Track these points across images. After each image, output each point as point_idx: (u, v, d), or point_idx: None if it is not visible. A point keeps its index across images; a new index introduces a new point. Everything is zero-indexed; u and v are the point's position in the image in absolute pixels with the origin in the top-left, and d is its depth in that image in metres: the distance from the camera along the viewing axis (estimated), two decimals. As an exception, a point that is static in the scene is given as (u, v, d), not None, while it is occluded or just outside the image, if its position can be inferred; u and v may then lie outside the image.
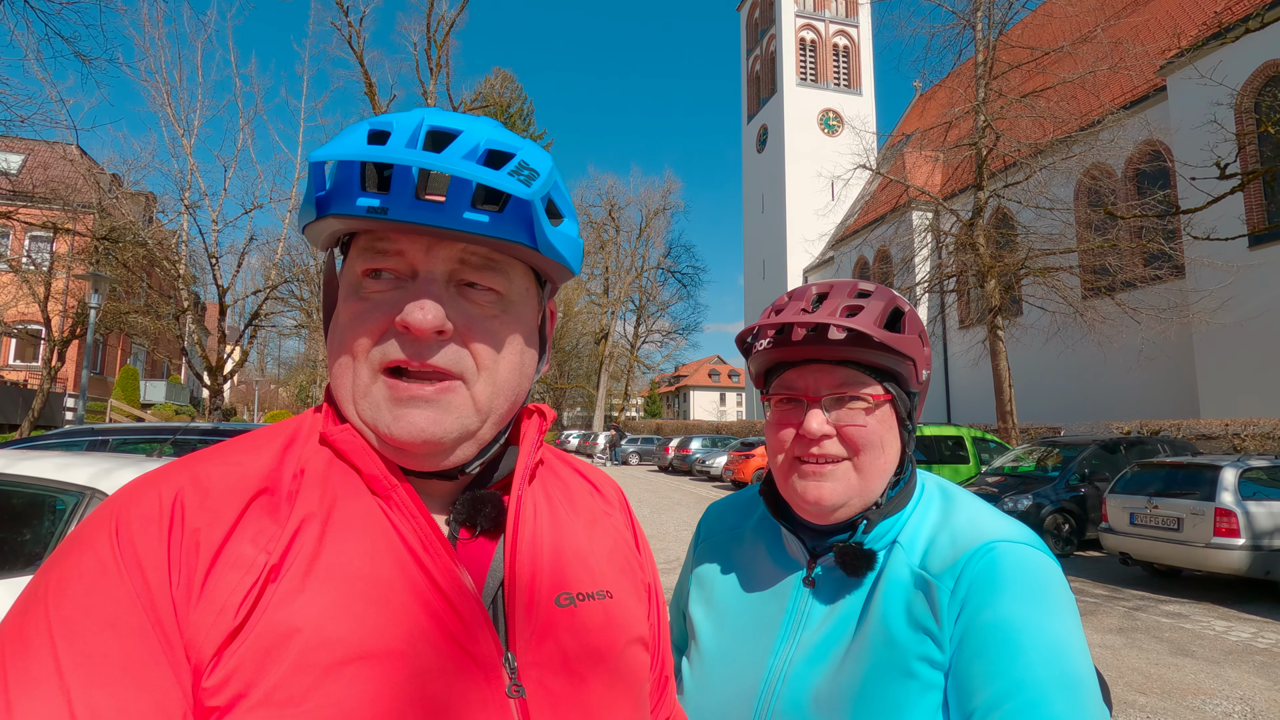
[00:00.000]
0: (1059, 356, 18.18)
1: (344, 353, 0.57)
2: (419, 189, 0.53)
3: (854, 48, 45.22)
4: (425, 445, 0.56)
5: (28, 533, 2.59)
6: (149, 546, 0.49)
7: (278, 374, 55.54)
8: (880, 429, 0.83)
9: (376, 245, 0.57)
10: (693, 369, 79.57)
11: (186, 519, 0.51)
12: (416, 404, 0.56)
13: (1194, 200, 10.92)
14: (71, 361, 22.84)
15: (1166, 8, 23.11)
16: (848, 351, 0.81)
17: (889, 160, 29.26)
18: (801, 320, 0.81)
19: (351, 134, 0.55)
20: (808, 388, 0.84)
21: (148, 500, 0.52)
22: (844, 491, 0.82)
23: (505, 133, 0.59)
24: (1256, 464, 7.53)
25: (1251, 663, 5.27)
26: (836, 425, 0.82)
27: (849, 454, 0.82)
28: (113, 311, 18.20)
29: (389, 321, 0.56)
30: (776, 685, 0.81)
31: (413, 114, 0.56)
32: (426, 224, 0.53)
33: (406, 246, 0.56)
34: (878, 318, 0.81)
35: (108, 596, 0.48)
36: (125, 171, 19.12)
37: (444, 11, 22.43)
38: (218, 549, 0.51)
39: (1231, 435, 14.33)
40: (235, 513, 0.52)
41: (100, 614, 0.47)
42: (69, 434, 5.75)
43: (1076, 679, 0.69)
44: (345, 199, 0.54)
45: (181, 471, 0.54)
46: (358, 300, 0.57)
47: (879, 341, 0.80)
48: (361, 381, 0.56)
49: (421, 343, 0.55)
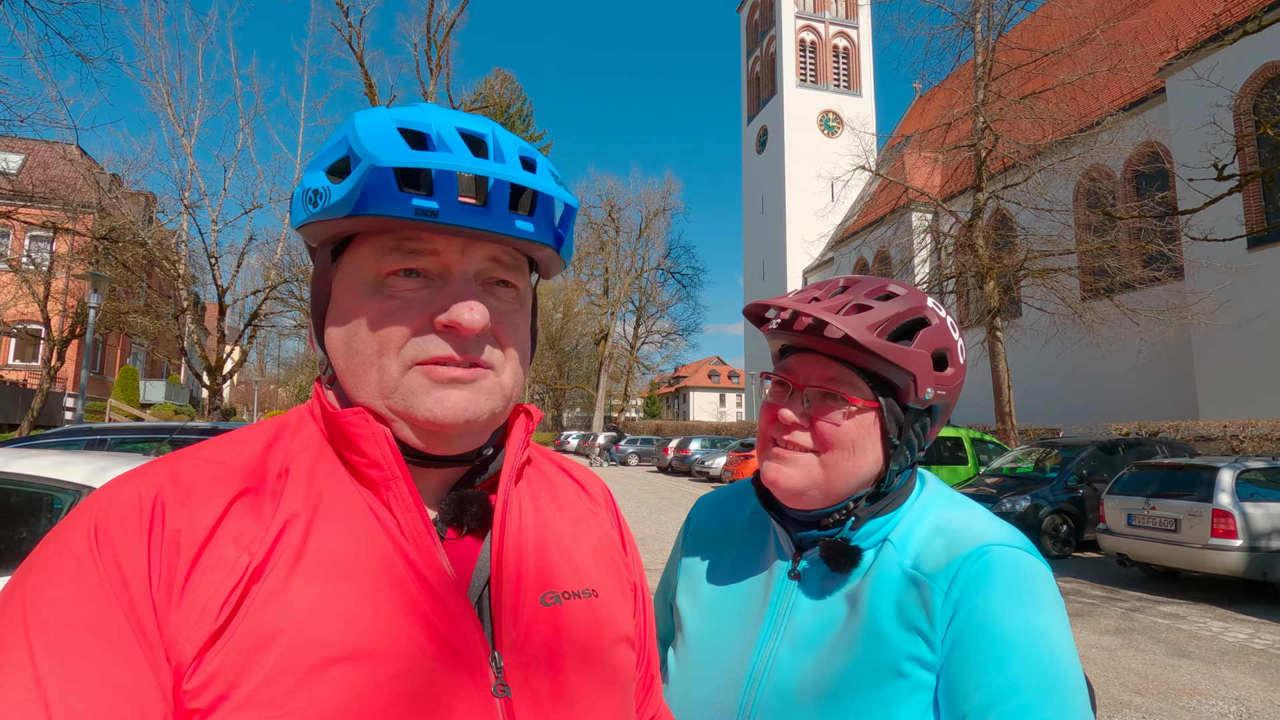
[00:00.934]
0: (1058, 358, 18.19)
1: (369, 349, 0.57)
2: (459, 190, 0.54)
3: (854, 49, 45.27)
4: (466, 425, 0.58)
5: (24, 531, 2.60)
6: (128, 547, 0.49)
7: (277, 374, 55.58)
8: (855, 433, 0.81)
9: (406, 245, 0.56)
10: (692, 370, 79.57)
11: (167, 519, 0.50)
12: (456, 385, 0.57)
13: (1192, 201, 10.94)
14: (71, 361, 22.84)
15: (1165, 10, 23.14)
16: (840, 349, 0.81)
17: (888, 161, 29.30)
18: (803, 309, 0.81)
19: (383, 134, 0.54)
20: (800, 374, 0.84)
21: (127, 499, 0.51)
22: (801, 480, 0.82)
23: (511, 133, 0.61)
24: (1254, 465, 7.54)
25: (1248, 663, 5.28)
26: (814, 417, 0.82)
27: (816, 448, 0.82)
28: (112, 311, 18.20)
29: (424, 319, 0.56)
30: (761, 677, 0.82)
31: (432, 112, 0.57)
32: (475, 227, 0.55)
33: (443, 247, 0.57)
34: (882, 323, 0.79)
35: (86, 598, 0.47)
36: (125, 171, 19.13)
37: (444, 12, 22.47)
38: (199, 549, 0.50)
39: (1229, 437, 14.34)
40: (217, 512, 0.52)
41: (78, 616, 0.46)
42: (67, 433, 5.76)
43: (1067, 685, 0.70)
44: (390, 200, 0.53)
45: (162, 470, 0.54)
46: (384, 298, 0.57)
47: (864, 347, 0.78)
48: (390, 376, 0.57)
49: (465, 340, 0.57)
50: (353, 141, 0.54)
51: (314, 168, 0.59)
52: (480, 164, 0.54)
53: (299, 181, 0.61)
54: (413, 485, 0.57)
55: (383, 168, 0.52)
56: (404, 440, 0.58)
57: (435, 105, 0.59)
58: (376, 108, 0.58)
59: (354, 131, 0.55)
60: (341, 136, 0.57)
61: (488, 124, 0.58)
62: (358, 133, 0.55)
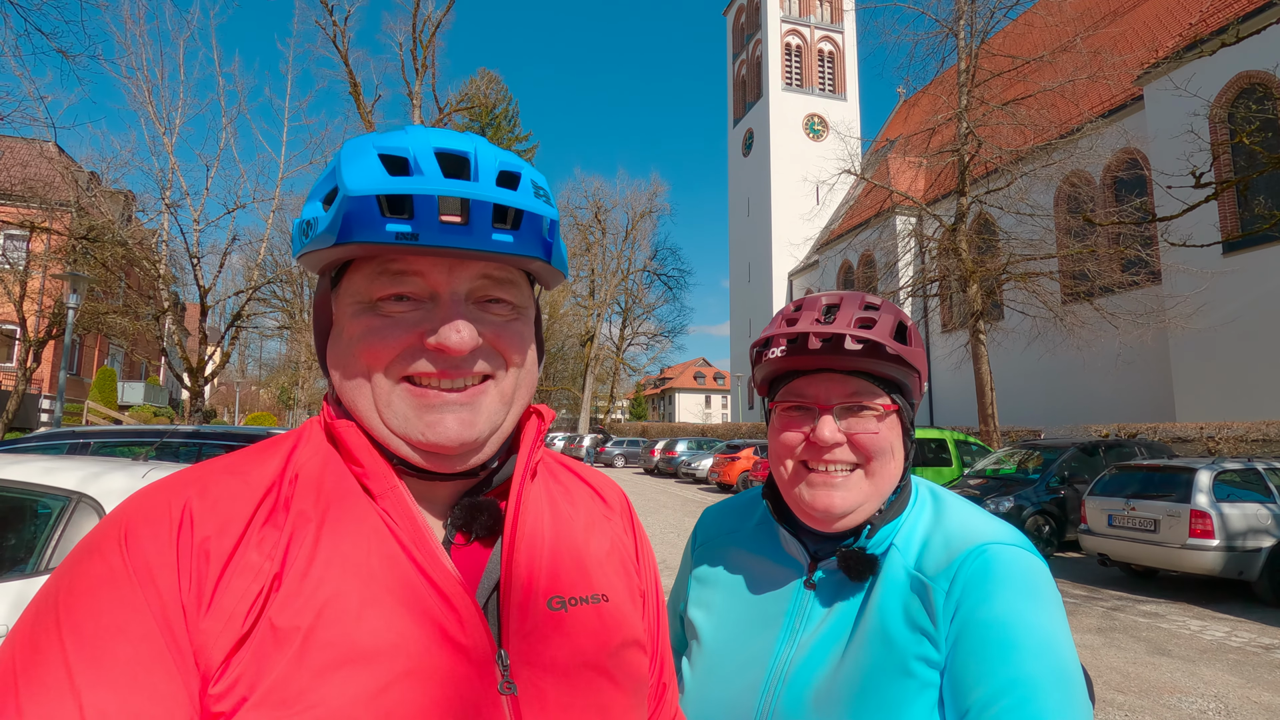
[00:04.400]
0: (1039, 360, 18.45)
1: (359, 367, 0.58)
2: (440, 211, 0.54)
3: (839, 54, 45.62)
4: (461, 447, 0.59)
5: (13, 538, 2.56)
6: (159, 554, 0.50)
7: (259, 376, 54.84)
8: (890, 436, 0.85)
9: (391, 268, 0.57)
10: (678, 371, 79.65)
11: (195, 528, 0.52)
12: (450, 408, 0.58)
13: (1170, 208, 11.14)
14: (47, 363, 22.41)
15: (1144, 19, 23.56)
16: (860, 362, 0.83)
17: (873, 165, 29.54)
18: (817, 330, 0.83)
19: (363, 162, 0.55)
20: (819, 396, 0.86)
21: (157, 509, 0.53)
22: (855, 499, 0.84)
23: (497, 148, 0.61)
24: (1230, 467, 7.69)
25: (1225, 661, 5.39)
26: (848, 433, 0.85)
27: (860, 461, 0.85)
28: (91, 312, 17.88)
29: (414, 338, 0.57)
30: (777, 685, 0.83)
31: (414, 135, 0.57)
32: (455, 247, 0.55)
33: (427, 269, 0.57)
34: (889, 330, 0.84)
35: (118, 603, 0.48)
36: (104, 169, 18.80)
37: (429, 12, 22.33)
38: (228, 557, 0.52)
39: (1206, 438, 14.61)
40: (243, 521, 0.54)
41: (110, 620, 0.48)
42: (48, 436, 5.66)
43: (1067, 675, 0.72)
44: (370, 226, 0.54)
45: (189, 481, 0.55)
46: (374, 316, 0.58)
47: (892, 353, 0.82)
48: (381, 392, 0.58)
49: (457, 359, 0.58)
50: (338, 171, 0.56)
51: (311, 198, 0.60)
52: (453, 185, 0.54)
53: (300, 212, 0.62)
54: (408, 495, 0.58)
55: (357, 196, 0.53)
56: (404, 457, 0.59)
57: (420, 127, 0.59)
58: (366, 135, 0.59)
59: (339, 160, 0.56)
60: (333, 167, 0.58)
61: (471, 141, 0.59)
62: (342, 162, 0.56)
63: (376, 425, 0.59)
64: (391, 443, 0.59)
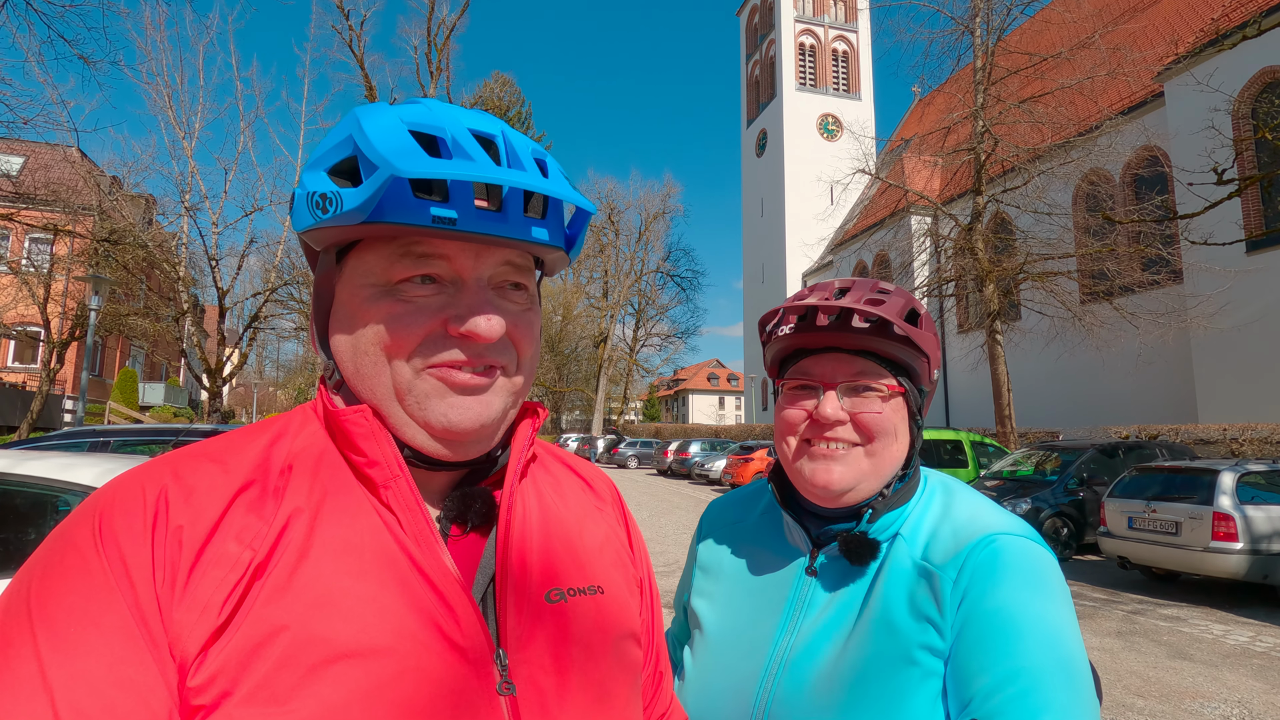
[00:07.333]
0: (1057, 361, 18.23)
1: (377, 353, 0.56)
2: (475, 196, 0.53)
3: (853, 53, 45.39)
4: (480, 430, 0.58)
5: (32, 532, 2.60)
6: (132, 544, 0.49)
7: (276, 377, 55.49)
8: (894, 418, 0.85)
9: (415, 250, 0.55)
10: (691, 373, 79.52)
11: (170, 516, 0.50)
12: (470, 392, 0.57)
13: (1191, 205, 10.97)
14: (70, 363, 22.82)
15: (1164, 14, 23.22)
16: (867, 341, 0.83)
17: (888, 165, 29.35)
18: (826, 305, 0.83)
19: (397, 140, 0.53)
20: (824, 374, 0.86)
21: (131, 497, 0.51)
22: (854, 475, 0.84)
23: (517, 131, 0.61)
24: (1254, 468, 7.55)
25: (1249, 666, 5.29)
26: (851, 412, 0.84)
27: (862, 440, 0.84)
28: (112, 314, 18.19)
29: (438, 324, 0.56)
30: (777, 672, 0.83)
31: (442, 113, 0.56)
32: (492, 234, 0.54)
33: (454, 253, 0.56)
34: (899, 311, 0.83)
35: (91, 594, 0.47)
36: (125, 174, 19.16)
37: (444, 15, 22.52)
38: (201, 546, 0.50)
39: (1229, 439, 14.36)
40: (219, 509, 0.52)
41: (84, 612, 0.46)
42: (70, 435, 5.76)
43: (1073, 666, 0.71)
44: (407, 208, 0.52)
45: (165, 468, 0.54)
46: (394, 301, 0.56)
47: (900, 333, 0.81)
48: (403, 379, 0.56)
49: (482, 346, 0.57)
50: (361, 143, 0.53)
51: (315, 167, 0.57)
52: (500, 173, 0.53)
53: (299, 182, 0.59)
54: (413, 484, 0.57)
55: (403, 177, 0.50)
56: (417, 446, 0.58)
57: (440, 102, 0.57)
58: (380, 105, 0.57)
59: (361, 132, 0.53)
60: (345, 135, 0.55)
61: (496, 123, 0.57)
62: (367, 135, 0.53)
63: (395, 411, 0.57)
64: (407, 430, 0.57)
